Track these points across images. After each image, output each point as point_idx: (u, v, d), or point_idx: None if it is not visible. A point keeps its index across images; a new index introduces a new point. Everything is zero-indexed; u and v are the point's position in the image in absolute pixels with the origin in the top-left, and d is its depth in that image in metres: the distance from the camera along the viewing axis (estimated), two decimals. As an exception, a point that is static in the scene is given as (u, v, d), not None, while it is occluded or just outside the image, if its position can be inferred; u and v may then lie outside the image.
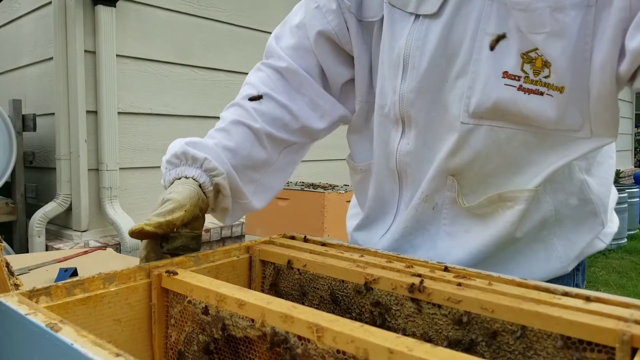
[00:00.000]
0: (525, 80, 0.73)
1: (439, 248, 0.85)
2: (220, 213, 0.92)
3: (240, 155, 0.92)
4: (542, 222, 0.81)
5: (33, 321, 0.51)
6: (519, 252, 0.82)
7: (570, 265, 0.83)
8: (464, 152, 0.80)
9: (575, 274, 0.87)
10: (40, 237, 2.64)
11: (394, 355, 0.45)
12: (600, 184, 0.84)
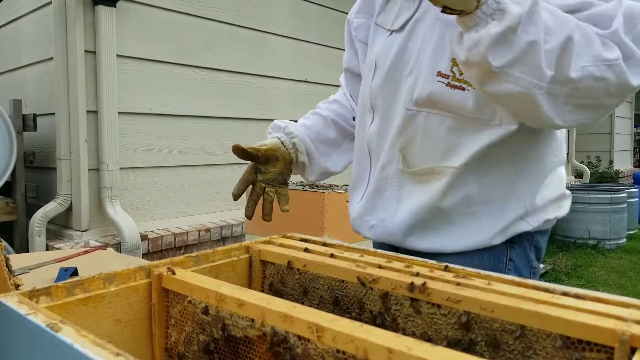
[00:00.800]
0: (452, 78, 0.94)
1: (390, 209, 1.06)
2: (300, 167, 1.28)
3: (314, 131, 1.27)
4: (467, 197, 0.98)
5: (33, 321, 0.51)
6: (451, 221, 1.00)
7: (495, 239, 0.98)
8: (408, 132, 1.02)
9: (510, 248, 1.00)
10: (40, 236, 2.64)
11: (393, 354, 0.45)
12: (529, 177, 0.99)
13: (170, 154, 2.93)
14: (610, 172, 8.31)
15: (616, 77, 0.79)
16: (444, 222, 1.00)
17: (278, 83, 3.53)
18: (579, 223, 5.57)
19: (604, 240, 5.46)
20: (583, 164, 7.54)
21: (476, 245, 0.99)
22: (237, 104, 3.27)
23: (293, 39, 3.66)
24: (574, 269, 4.61)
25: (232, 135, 3.25)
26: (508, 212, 0.98)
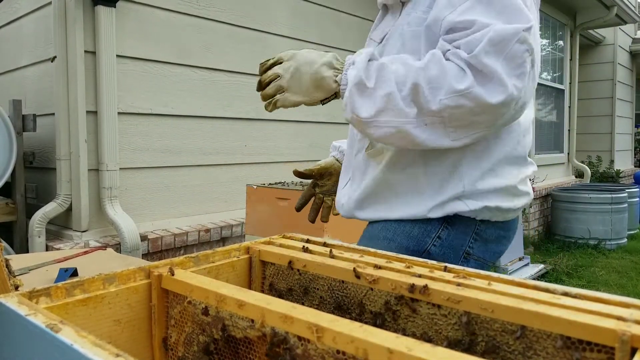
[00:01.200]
0: None
1: (355, 183, 1.18)
2: None
3: None
4: (412, 171, 1.06)
5: (33, 322, 0.51)
6: (397, 193, 1.09)
7: (432, 212, 1.04)
8: None
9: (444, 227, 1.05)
10: (40, 237, 2.64)
11: (393, 355, 0.45)
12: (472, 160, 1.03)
13: (170, 154, 2.93)
14: (611, 172, 8.31)
15: (472, 102, 0.90)
16: (391, 193, 1.10)
17: (278, 83, 3.53)
18: (580, 223, 5.57)
19: (604, 240, 5.46)
20: (584, 164, 7.54)
21: (413, 215, 1.06)
22: (236, 104, 3.27)
23: (293, 39, 3.66)
24: (574, 269, 4.60)
25: (231, 136, 3.25)
26: (447, 189, 1.03)
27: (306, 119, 3.79)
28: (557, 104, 6.58)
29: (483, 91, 0.89)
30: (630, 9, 6.70)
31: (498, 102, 0.89)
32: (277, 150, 3.60)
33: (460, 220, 1.05)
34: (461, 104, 0.90)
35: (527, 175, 1.11)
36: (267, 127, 3.50)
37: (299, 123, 3.75)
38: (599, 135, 8.83)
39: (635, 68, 9.90)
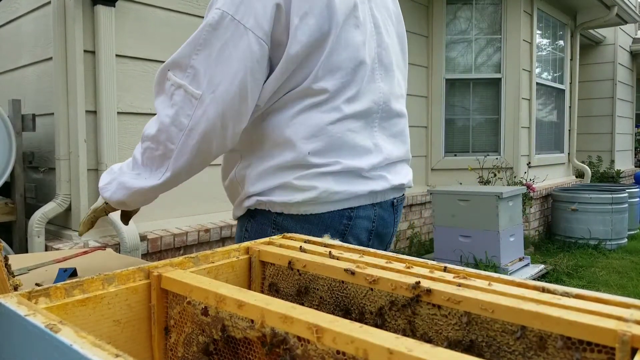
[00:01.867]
0: None
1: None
2: None
3: None
4: (228, 185, 1.23)
5: (32, 322, 0.51)
6: (231, 197, 1.23)
7: (236, 212, 1.20)
8: None
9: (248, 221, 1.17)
10: (39, 237, 2.64)
11: (393, 355, 0.45)
12: (248, 166, 1.14)
13: (170, 154, 2.92)
14: (611, 172, 8.31)
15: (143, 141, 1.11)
16: (230, 196, 1.25)
17: (278, 83, 3.53)
18: (580, 223, 5.57)
19: (605, 241, 5.46)
20: (584, 164, 7.55)
21: (235, 215, 1.22)
22: (237, 104, 3.26)
23: (293, 39, 3.66)
24: (575, 269, 4.60)
25: (232, 136, 3.25)
26: (242, 191, 1.17)
27: (306, 119, 3.79)
28: (557, 104, 6.58)
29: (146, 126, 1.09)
30: (630, 8, 6.71)
31: (148, 132, 1.06)
32: (277, 150, 3.59)
33: (260, 214, 1.14)
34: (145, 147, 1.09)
35: (306, 173, 1.07)
36: (267, 127, 3.49)
37: (299, 123, 3.75)
38: (600, 135, 8.83)
39: (635, 68, 9.90)
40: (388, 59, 1.13)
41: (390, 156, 1.16)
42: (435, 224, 4.32)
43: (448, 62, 5.16)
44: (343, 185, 1.08)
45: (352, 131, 1.09)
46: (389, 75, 1.14)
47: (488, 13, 5.27)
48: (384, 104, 1.13)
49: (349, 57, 1.05)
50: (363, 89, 1.09)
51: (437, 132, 5.14)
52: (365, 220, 1.12)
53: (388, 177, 1.14)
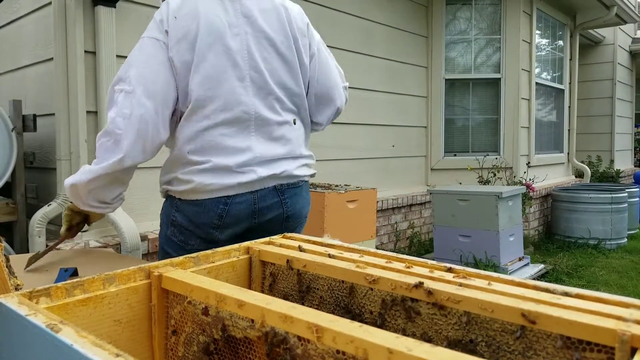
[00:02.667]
0: None
1: None
2: None
3: None
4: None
5: (33, 322, 0.51)
6: None
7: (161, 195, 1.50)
8: None
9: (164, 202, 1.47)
10: (40, 237, 2.64)
11: (393, 355, 0.45)
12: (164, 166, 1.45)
13: (171, 154, 2.92)
14: (610, 172, 8.31)
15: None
16: None
17: (278, 83, 3.53)
18: (580, 223, 5.57)
19: (604, 240, 5.46)
20: (584, 164, 7.55)
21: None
22: (237, 104, 3.26)
23: (293, 39, 3.66)
24: (574, 269, 4.61)
25: (232, 136, 3.24)
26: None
27: (306, 119, 3.80)
28: (557, 104, 6.58)
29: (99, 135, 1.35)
30: (630, 8, 6.70)
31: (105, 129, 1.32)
32: (277, 150, 3.59)
33: (169, 198, 1.43)
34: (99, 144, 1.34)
35: (188, 169, 1.36)
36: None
37: (299, 123, 3.75)
38: (599, 135, 8.83)
39: (635, 68, 9.90)
40: (262, 80, 1.38)
41: (263, 155, 1.39)
42: (435, 223, 4.32)
43: (447, 62, 5.16)
44: (215, 179, 1.35)
45: (224, 135, 1.36)
46: (262, 92, 1.39)
47: (487, 13, 5.27)
48: (256, 114, 1.38)
49: (212, 75, 1.33)
50: (231, 101, 1.35)
51: (437, 132, 5.14)
52: (242, 204, 1.39)
53: (258, 171, 1.38)
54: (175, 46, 1.32)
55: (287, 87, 1.43)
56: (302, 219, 1.51)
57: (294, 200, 1.46)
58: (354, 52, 4.20)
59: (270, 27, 1.39)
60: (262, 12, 1.39)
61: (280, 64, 1.41)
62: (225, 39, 1.34)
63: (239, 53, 1.36)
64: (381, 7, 4.47)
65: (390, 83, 4.62)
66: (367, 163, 4.41)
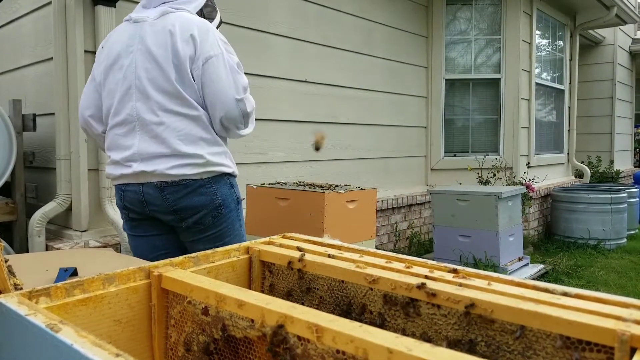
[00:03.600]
0: None
1: None
2: None
3: None
4: None
5: (33, 322, 0.51)
6: None
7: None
8: None
9: None
10: (40, 237, 2.64)
11: (393, 355, 0.45)
12: None
13: (170, 154, 2.92)
14: (610, 172, 8.31)
15: None
16: None
17: (277, 83, 3.54)
18: (580, 223, 5.57)
19: (604, 241, 5.46)
20: (583, 164, 7.55)
21: None
22: (237, 104, 3.26)
23: (293, 39, 3.66)
24: (574, 269, 4.61)
25: (232, 136, 3.24)
26: None
27: (306, 119, 3.80)
28: (556, 104, 6.58)
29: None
30: (630, 9, 6.71)
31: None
32: (277, 150, 3.60)
33: None
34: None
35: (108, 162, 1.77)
36: (267, 127, 3.50)
37: (299, 123, 3.75)
38: (599, 136, 8.83)
39: (635, 68, 9.90)
40: (142, 87, 1.64)
41: (141, 152, 1.64)
42: (435, 223, 4.32)
43: (448, 62, 5.16)
44: (112, 170, 1.71)
45: (118, 135, 1.68)
46: (144, 96, 1.64)
47: (487, 13, 5.27)
48: (138, 116, 1.64)
49: (112, 88, 1.69)
50: (120, 107, 1.67)
51: (437, 132, 5.14)
52: (132, 193, 1.69)
53: (133, 165, 1.64)
54: (95, 70, 1.76)
55: (167, 91, 1.64)
56: (202, 211, 1.69)
57: (177, 196, 1.66)
58: (354, 52, 4.20)
59: (154, 44, 1.65)
60: (152, 34, 1.66)
61: (160, 72, 1.63)
62: (121, 59, 1.68)
63: (129, 67, 1.66)
64: (381, 7, 4.47)
65: (391, 83, 4.62)
66: (367, 163, 4.41)
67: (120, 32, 1.74)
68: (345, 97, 4.15)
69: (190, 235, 1.73)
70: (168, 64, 1.63)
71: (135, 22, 1.72)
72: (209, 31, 1.68)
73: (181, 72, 1.64)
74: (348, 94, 4.18)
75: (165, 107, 1.64)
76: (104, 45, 1.76)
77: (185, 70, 1.64)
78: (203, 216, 1.70)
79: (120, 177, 1.68)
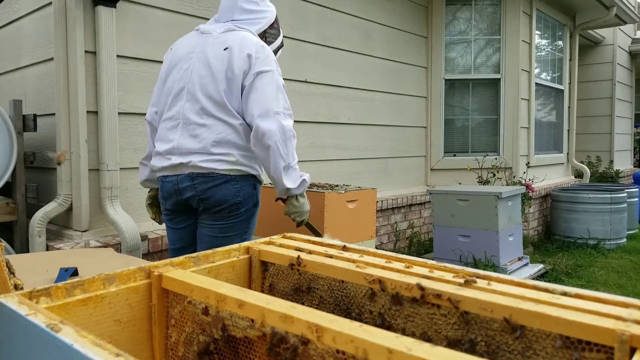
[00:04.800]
0: None
1: None
2: None
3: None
4: None
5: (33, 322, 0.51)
6: None
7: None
8: None
9: None
10: (40, 237, 2.64)
11: (393, 355, 0.45)
12: None
13: (170, 154, 2.92)
14: (610, 172, 8.31)
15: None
16: None
17: (278, 83, 3.53)
18: (579, 223, 5.57)
19: (604, 240, 5.46)
20: (583, 164, 7.54)
21: None
22: (237, 104, 3.26)
23: (293, 39, 3.66)
24: (574, 269, 4.61)
25: (232, 136, 3.24)
26: None
27: (306, 119, 3.80)
28: (556, 104, 6.58)
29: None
30: (629, 9, 6.70)
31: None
32: (277, 151, 3.59)
33: None
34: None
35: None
36: (267, 127, 3.49)
37: (299, 123, 3.75)
38: (599, 136, 8.83)
39: (634, 68, 9.89)
40: (193, 90, 1.83)
41: (180, 147, 1.82)
42: (435, 223, 4.32)
43: (447, 62, 5.16)
44: (155, 162, 1.91)
45: (165, 128, 1.87)
46: (193, 99, 1.82)
47: (487, 14, 5.27)
48: (184, 115, 1.83)
49: (169, 87, 1.89)
50: (173, 104, 1.86)
51: (437, 132, 5.14)
52: (170, 184, 1.87)
53: (172, 159, 1.83)
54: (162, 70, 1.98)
55: (214, 99, 1.81)
56: (224, 205, 1.83)
57: (205, 187, 1.82)
58: (354, 52, 4.20)
59: (213, 55, 1.83)
60: (213, 46, 1.85)
61: (212, 81, 1.80)
62: (182, 62, 1.88)
63: (186, 71, 1.86)
64: (381, 8, 4.47)
65: (390, 83, 4.62)
66: (367, 163, 4.41)
67: (187, 38, 1.97)
68: (345, 97, 4.15)
69: (205, 218, 1.87)
70: (221, 75, 1.80)
71: (203, 33, 1.93)
72: (264, 50, 1.85)
73: (231, 85, 1.80)
74: (348, 94, 4.18)
75: (210, 112, 1.81)
76: (172, 48, 1.99)
77: (236, 84, 1.81)
78: (223, 208, 1.84)
79: (161, 170, 1.88)
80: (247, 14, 1.95)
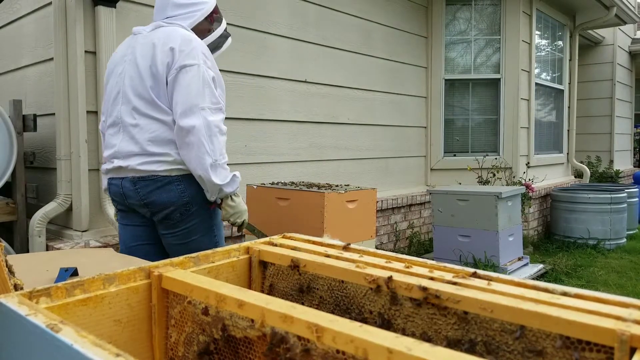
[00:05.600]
0: None
1: None
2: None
3: None
4: None
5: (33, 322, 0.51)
6: None
7: None
8: None
9: None
10: (40, 237, 2.64)
11: (393, 355, 0.45)
12: None
13: (170, 154, 2.92)
14: (610, 172, 8.31)
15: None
16: None
17: (277, 83, 3.54)
18: (579, 223, 5.57)
19: (604, 240, 5.46)
20: (583, 164, 7.55)
21: None
22: (236, 104, 3.27)
23: (292, 39, 3.66)
24: (574, 269, 4.61)
25: (232, 136, 3.24)
26: None
27: (306, 119, 3.80)
28: (556, 104, 6.58)
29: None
30: (629, 9, 6.71)
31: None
32: (277, 150, 3.60)
33: None
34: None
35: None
36: (267, 127, 3.50)
37: (299, 123, 3.75)
38: (599, 136, 8.83)
39: (634, 68, 9.90)
40: (125, 93, 1.81)
41: (121, 151, 1.81)
42: (435, 223, 4.32)
43: (447, 62, 5.16)
44: (102, 167, 1.92)
45: (110, 135, 1.87)
46: (126, 100, 1.81)
47: (487, 14, 5.27)
48: (121, 119, 1.82)
49: (108, 93, 1.90)
50: (112, 110, 1.86)
51: (437, 132, 5.14)
52: (115, 186, 1.87)
53: (115, 162, 1.82)
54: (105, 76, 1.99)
55: (143, 97, 1.79)
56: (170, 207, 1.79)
57: (147, 190, 1.79)
58: (353, 52, 4.21)
59: (140, 55, 1.81)
60: (141, 45, 1.83)
61: (139, 80, 1.79)
62: (117, 67, 1.89)
63: (120, 75, 1.85)
64: (381, 8, 4.47)
65: (390, 83, 4.62)
66: (367, 163, 4.42)
67: (124, 43, 1.97)
68: (345, 97, 4.15)
69: (162, 228, 1.84)
70: (147, 72, 1.79)
71: (134, 34, 1.92)
72: (191, 43, 1.79)
73: (157, 81, 1.77)
74: (348, 94, 4.18)
75: (141, 111, 1.79)
76: (112, 55, 2.01)
77: (161, 79, 1.77)
78: (172, 212, 1.80)
79: (106, 172, 1.89)
80: (180, 9, 1.90)
